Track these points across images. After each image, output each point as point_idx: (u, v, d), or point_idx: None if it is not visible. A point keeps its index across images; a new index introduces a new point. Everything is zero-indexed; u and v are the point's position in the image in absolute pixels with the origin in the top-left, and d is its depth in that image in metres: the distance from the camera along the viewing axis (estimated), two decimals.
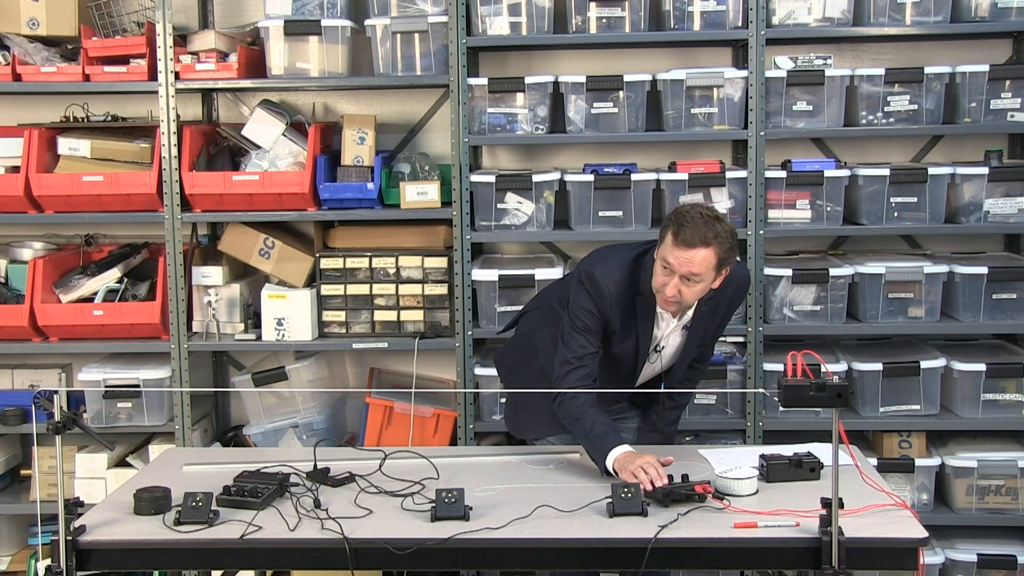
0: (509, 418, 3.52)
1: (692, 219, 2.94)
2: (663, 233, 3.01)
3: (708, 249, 2.93)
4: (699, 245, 2.92)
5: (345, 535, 2.60)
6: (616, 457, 2.95)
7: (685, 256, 2.93)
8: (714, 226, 2.94)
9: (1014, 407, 4.03)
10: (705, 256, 2.93)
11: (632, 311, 3.12)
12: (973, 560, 4.03)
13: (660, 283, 3.00)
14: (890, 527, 2.60)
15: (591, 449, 3.05)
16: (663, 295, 3.01)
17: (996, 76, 4.01)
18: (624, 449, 2.96)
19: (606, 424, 3.05)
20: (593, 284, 3.10)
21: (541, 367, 3.27)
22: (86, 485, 4.24)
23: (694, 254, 2.92)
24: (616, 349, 3.19)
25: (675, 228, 2.95)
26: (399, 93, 4.52)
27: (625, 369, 3.24)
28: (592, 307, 3.11)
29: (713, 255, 2.94)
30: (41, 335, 4.24)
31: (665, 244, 2.98)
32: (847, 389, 2.47)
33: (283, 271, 4.29)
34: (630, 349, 3.18)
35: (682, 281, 2.95)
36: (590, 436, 3.03)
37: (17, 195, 4.14)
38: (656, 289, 3.03)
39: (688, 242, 2.92)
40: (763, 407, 4.10)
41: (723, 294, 3.17)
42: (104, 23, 4.29)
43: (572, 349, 3.13)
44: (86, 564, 2.64)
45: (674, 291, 2.97)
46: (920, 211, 4.04)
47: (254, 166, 4.17)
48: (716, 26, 4.05)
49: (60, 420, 2.61)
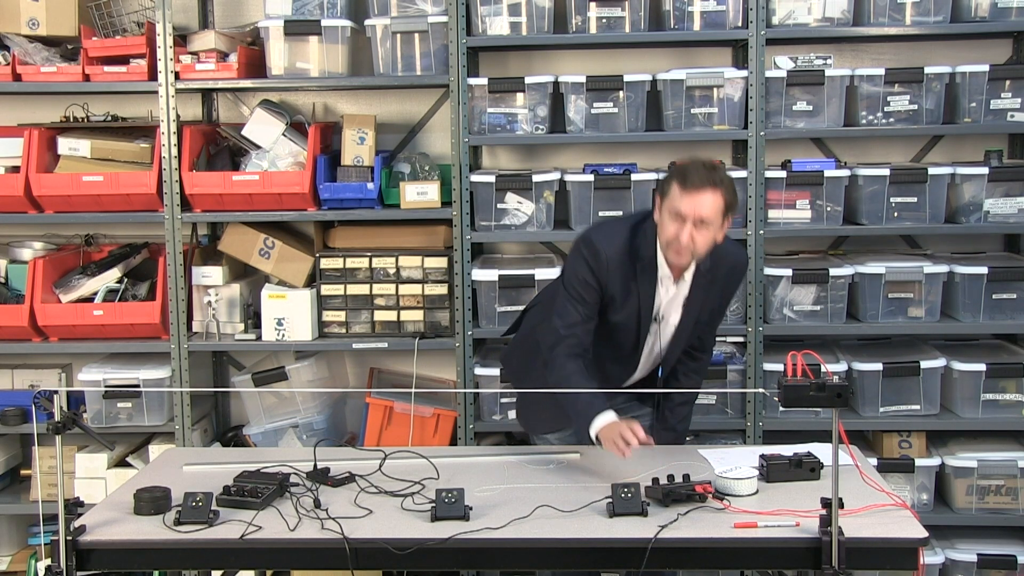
0: (520, 416, 3.55)
1: (695, 167, 3.01)
2: (665, 188, 3.05)
3: (716, 192, 2.98)
4: (707, 188, 2.97)
5: (345, 535, 2.60)
6: (600, 428, 2.98)
7: (695, 201, 2.97)
8: (717, 171, 3.03)
9: (1014, 407, 4.03)
10: (714, 199, 2.98)
11: (632, 276, 3.13)
12: (973, 560, 4.03)
13: (672, 234, 3.01)
14: (890, 527, 2.60)
15: (577, 419, 3.08)
16: (677, 245, 3.02)
17: (996, 76, 4.01)
18: (608, 419, 2.98)
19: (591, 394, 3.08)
20: (590, 248, 3.13)
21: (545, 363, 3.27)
22: (86, 485, 4.24)
23: (703, 197, 2.97)
24: (616, 317, 3.17)
25: (680, 179, 3.00)
26: (399, 93, 4.52)
27: (627, 342, 3.22)
28: (588, 274, 3.12)
29: (720, 198, 2.99)
30: (41, 335, 4.25)
31: (672, 196, 3.01)
32: (847, 389, 2.47)
33: (283, 271, 4.29)
34: (631, 315, 3.17)
35: (694, 227, 2.98)
36: (576, 406, 3.07)
37: (17, 195, 4.14)
38: (668, 242, 3.04)
39: (697, 186, 2.97)
40: (763, 407, 4.10)
41: (719, 268, 3.18)
42: (104, 23, 4.29)
43: (563, 318, 3.15)
44: (86, 564, 2.64)
45: (688, 238, 2.99)
46: (920, 211, 4.04)
47: (254, 166, 4.17)
48: (716, 26, 4.05)
49: (60, 420, 2.61)
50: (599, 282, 3.12)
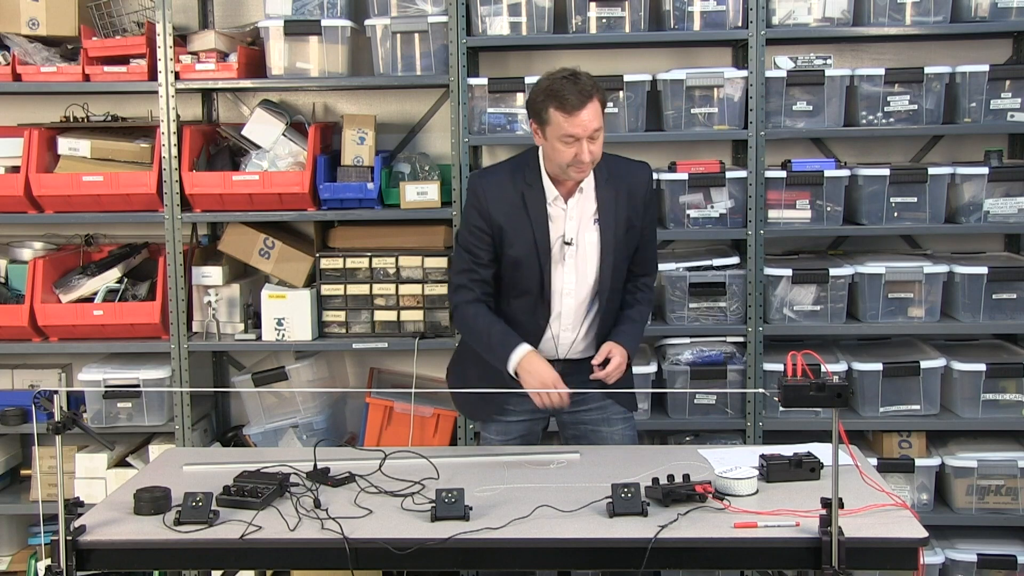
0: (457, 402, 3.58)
1: (563, 86, 3.01)
2: (543, 115, 3.05)
3: (593, 101, 3.02)
4: (586, 102, 3.00)
5: (345, 535, 2.60)
6: (519, 361, 3.06)
7: (582, 119, 2.99)
8: (580, 79, 3.03)
9: (1014, 407, 4.03)
10: (594, 108, 3.02)
11: (520, 205, 3.15)
12: (973, 560, 4.03)
13: (570, 156, 3.04)
14: (890, 527, 2.60)
15: (493, 358, 3.14)
16: (579, 164, 3.05)
17: (996, 76, 4.01)
18: (524, 350, 3.07)
19: (503, 331, 3.14)
20: (471, 190, 3.22)
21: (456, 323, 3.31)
22: (86, 485, 4.24)
23: (587, 111, 3.00)
24: (512, 251, 3.17)
25: (557, 103, 3.01)
26: (399, 93, 4.52)
27: (532, 276, 3.17)
28: (475, 217, 3.17)
29: (598, 103, 3.04)
30: (41, 335, 4.25)
31: (555, 124, 3.02)
32: (847, 389, 2.47)
33: (283, 271, 4.29)
34: (528, 245, 3.15)
35: (589, 141, 3.02)
36: (490, 344, 3.13)
37: (17, 195, 4.14)
38: (567, 164, 3.06)
39: (577, 105, 2.99)
40: (763, 407, 4.10)
41: (618, 181, 3.19)
42: (104, 23, 4.29)
43: (456, 267, 3.23)
44: (86, 564, 2.64)
45: (587, 154, 3.03)
46: (920, 211, 4.04)
47: (254, 166, 4.17)
48: (716, 26, 4.05)
49: (60, 420, 2.61)
50: (484, 219, 3.16)
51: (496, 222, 3.15)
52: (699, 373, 4.09)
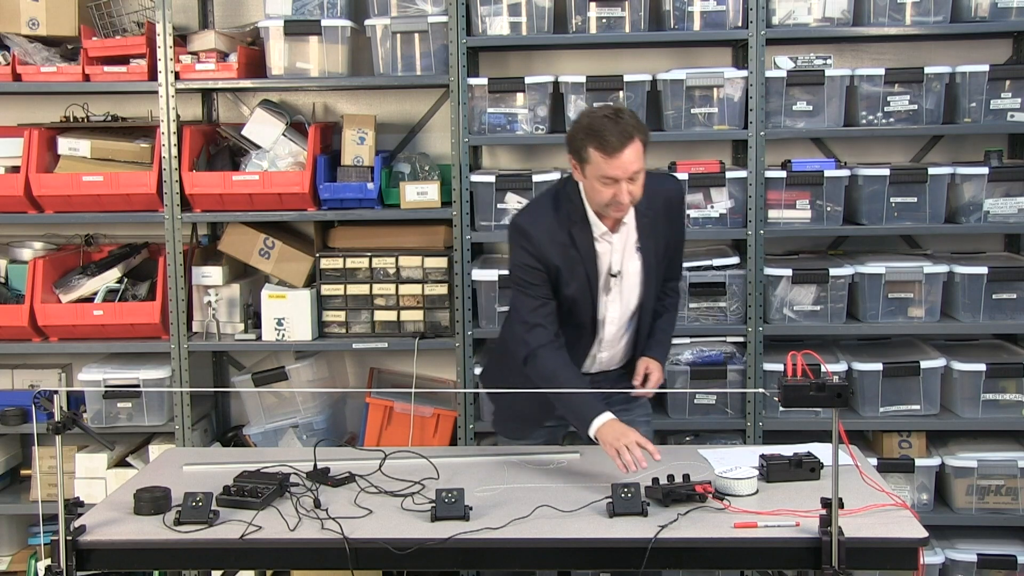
0: (497, 423, 3.52)
1: (604, 126, 2.92)
2: (583, 153, 2.97)
3: (634, 142, 2.93)
4: (627, 144, 2.91)
5: (345, 535, 2.60)
6: (599, 428, 2.96)
7: (622, 162, 2.92)
8: (623, 118, 2.94)
9: (1014, 407, 4.03)
10: (635, 150, 2.93)
11: (569, 243, 3.10)
12: (973, 560, 4.03)
13: (608, 196, 2.98)
14: (890, 527, 2.60)
15: (572, 418, 3.06)
16: (617, 204, 2.99)
17: (996, 76, 4.01)
18: (606, 418, 2.97)
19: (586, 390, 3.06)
20: (520, 232, 3.11)
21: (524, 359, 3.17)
22: (86, 485, 4.24)
23: (627, 154, 2.92)
24: (568, 290, 3.13)
25: (596, 144, 2.93)
26: (399, 93, 4.52)
27: (584, 309, 3.16)
28: (527, 258, 3.10)
29: (640, 144, 2.95)
30: (41, 335, 4.25)
31: (595, 164, 2.95)
32: (847, 389, 2.47)
33: (283, 271, 4.29)
34: (582, 283, 3.13)
35: (629, 182, 2.96)
36: (571, 403, 3.04)
37: (17, 195, 4.14)
38: (606, 204, 3.01)
39: (617, 148, 2.91)
40: (763, 407, 4.10)
41: (655, 203, 3.14)
42: (104, 23, 4.29)
43: (521, 310, 3.13)
44: (86, 564, 2.64)
45: (626, 195, 2.97)
46: (920, 211, 4.04)
47: (254, 166, 4.17)
48: (716, 26, 4.05)
49: (60, 420, 2.61)
50: (539, 261, 3.09)
51: (552, 264, 3.09)
52: (699, 373, 4.09)
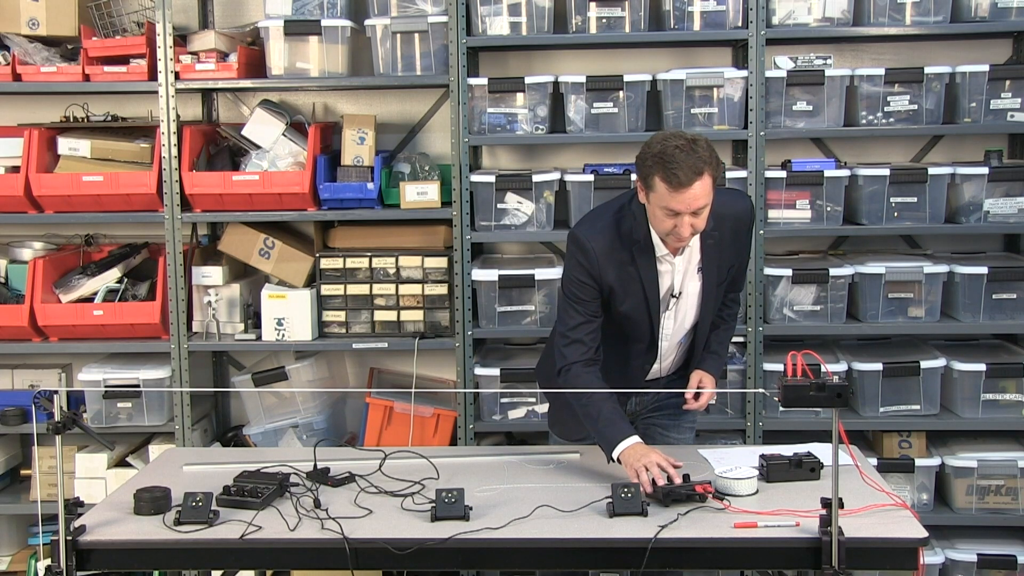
0: (553, 423, 3.45)
1: (674, 157, 2.80)
2: (648, 180, 2.86)
3: (703, 177, 2.82)
4: (695, 180, 2.80)
5: (345, 535, 2.60)
6: (623, 451, 2.91)
7: (687, 197, 2.82)
8: (697, 150, 2.82)
9: (1014, 407, 4.03)
10: (703, 185, 2.83)
11: (629, 261, 3.02)
12: (973, 560, 4.03)
13: (669, 227, 2.89)
14: (890, 527, 2.60)
15: (598, 438, 3.01)
16: (678, 236, 2.90)
17: (996, 76, 4.01)
18: (631, 442, 2.92)
19: (613, 411, 2.98)
20: (578, 245, 3.04)
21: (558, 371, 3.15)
22: (86, 485, 4.24)
23: (693, 190, 2.81)
24: (622, 307, 3.06)
25: (663, 174, 2.81)
26: (399, 93, 4.52)
27: (642, 330, 3.11)
28: (580, 273, 3.03)
29: (709, 179, 2.84)
30: (41, 335, 4.25)
31: (659, 193, 2.84)
32: (847, 389, 2.47)
33: (283, 271, 4.29)
34: (639, 301, 3.06)
35: (692, 216, 2.87)
36: (597, 424, 2.98)
37: (17, 195, 4.14)
38: (666, 234, 2.93)
39: (684, 183, 2.79)
40: (763, 407, 4.10)
41: (724, 224, 3.05)
42: (104, 23, 4.29)
43: (565, 322, 3.07)
44: (86, 564, 2.64)
45: (687, 228, 2.87)
46: (920, 211, 4.04)
47: (254, 166, 4.17)
48: (716, 26, 4.05)
49: (60, 420, 2.61)
50: (593, 278, 3.02)
51: (606, 283, 3.03)
52: None
